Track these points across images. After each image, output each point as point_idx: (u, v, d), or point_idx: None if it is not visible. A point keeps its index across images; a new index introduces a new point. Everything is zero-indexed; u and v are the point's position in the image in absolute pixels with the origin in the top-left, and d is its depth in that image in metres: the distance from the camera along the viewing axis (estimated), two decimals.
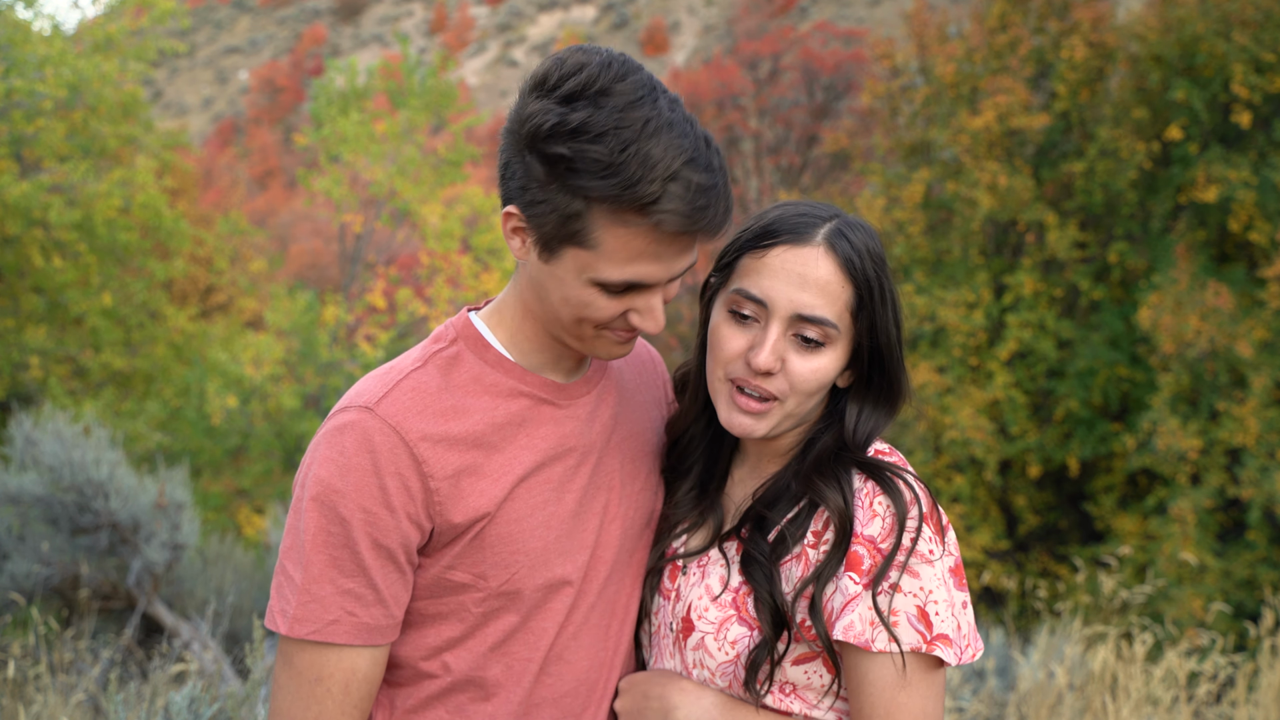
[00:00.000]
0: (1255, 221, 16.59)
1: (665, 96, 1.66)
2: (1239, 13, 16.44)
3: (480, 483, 1.75)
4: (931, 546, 1.76)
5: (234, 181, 39.49)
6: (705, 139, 1.66)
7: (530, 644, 1.81)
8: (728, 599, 1.85)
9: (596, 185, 1.60)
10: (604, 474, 1.90)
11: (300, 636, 1.71)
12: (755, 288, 1.81)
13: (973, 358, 17.66)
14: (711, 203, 1.63)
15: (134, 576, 5.94)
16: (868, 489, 1.80)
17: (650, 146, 1.59)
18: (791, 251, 1.81)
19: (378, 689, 1.80)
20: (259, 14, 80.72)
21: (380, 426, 1.71)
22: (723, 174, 1.66)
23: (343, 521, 1.69)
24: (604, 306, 1.71)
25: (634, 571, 1.95)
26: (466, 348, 1.84)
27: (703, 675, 1.86)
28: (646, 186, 1.59)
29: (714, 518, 1.96)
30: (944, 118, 18.67)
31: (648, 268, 1.67)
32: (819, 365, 1.82)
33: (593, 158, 1.59)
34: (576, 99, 1.62)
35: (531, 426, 1.82)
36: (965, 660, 1.79)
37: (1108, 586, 6.38)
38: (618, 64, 1.65)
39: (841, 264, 1.80)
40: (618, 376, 2.00)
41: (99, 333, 14.75)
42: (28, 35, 13.57)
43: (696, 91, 34.89)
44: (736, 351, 1.83)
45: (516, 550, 1.78)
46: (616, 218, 1.62)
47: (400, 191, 15.88)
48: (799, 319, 1.79)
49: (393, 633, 1.77)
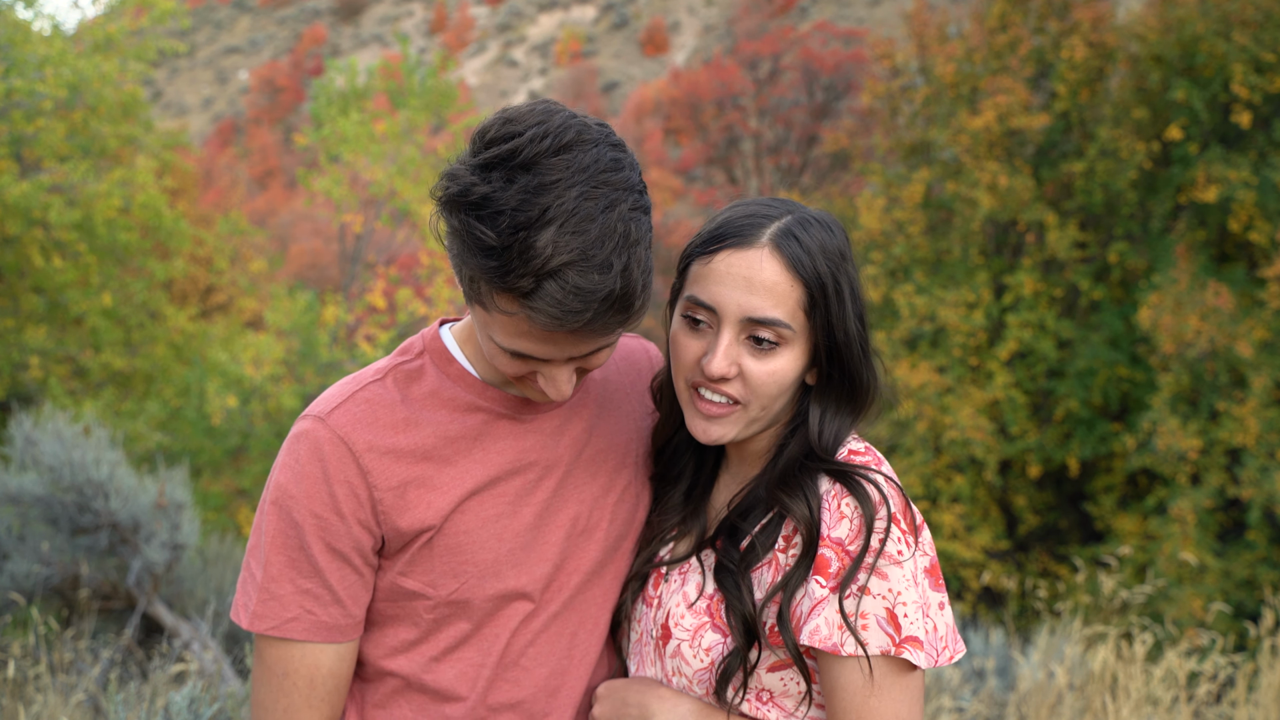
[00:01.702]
0: (1255, 221, 16.59)
1: (595, 180, 1.57)
2: (1239, 13, 16.44)
3: (428, 494, 1.79)
4: (900, 548, 1.73)
5: (234, 181, 39.50)
6: (619, 235, 1.56)
7: (483, 650, 1.85)
8: (702, 606, 1.85)
9: (479, 263, 1.58)
10: (573, 487, 1.91)
11: (260, 631, 1.79)
12: (704, 294, 1.80)
13: (973, 358, 17.66)
14: (588, 306, 1.56)
15: (134, 576, 5.94)
16: (835, 490, 1.77)
17: (537, 238, 1.53)
18: (737, 255, 1.78)
19: (347, 684, 1.86)
20: (259, 14, 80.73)
21: (330, 436, 1.77)
22: (623, 275, 1.57)
23: (297, 525, 1.76)
24: (507, 365, 1.72)
25: (612, 580, 1.97)
26: (430, 361, 1.88)
27: (681, 683, 1.86)
28: (517, 280, 1.55)
29: (698, 525, 1.96)
30: (944, 118, 18.67)
31: (536, 346, 1.66)
32: (775, 367, 1.79)
33: (478, 235, 1.56)
34: (493, 169, 1.57)
35: (487, 441, 1.84)
36: (943, 663, 1.76)
37: (1108, 586, 6.38)
38: (556, 137, 1.57)
39: (788, 264, 1.77)
40: (598, 390, 2.01)
41: (99, 333, 14.75)
42: (28, 35, 13.57)
43: (696, 91, 34.91)
44: (693, 359, 1.82)
45: (465, 561, 1.81)
46: (500, 301, 1.61)
47: (400, 191, 15.88)
48: (750, 322, 1.77)
49: (353, 631, 1.82)
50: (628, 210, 1.59)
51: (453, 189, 1.59)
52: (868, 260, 18.93)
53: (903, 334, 17.90)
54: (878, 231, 18.84)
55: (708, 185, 37.07)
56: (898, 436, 17.44)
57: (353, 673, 1.87)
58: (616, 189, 1.58)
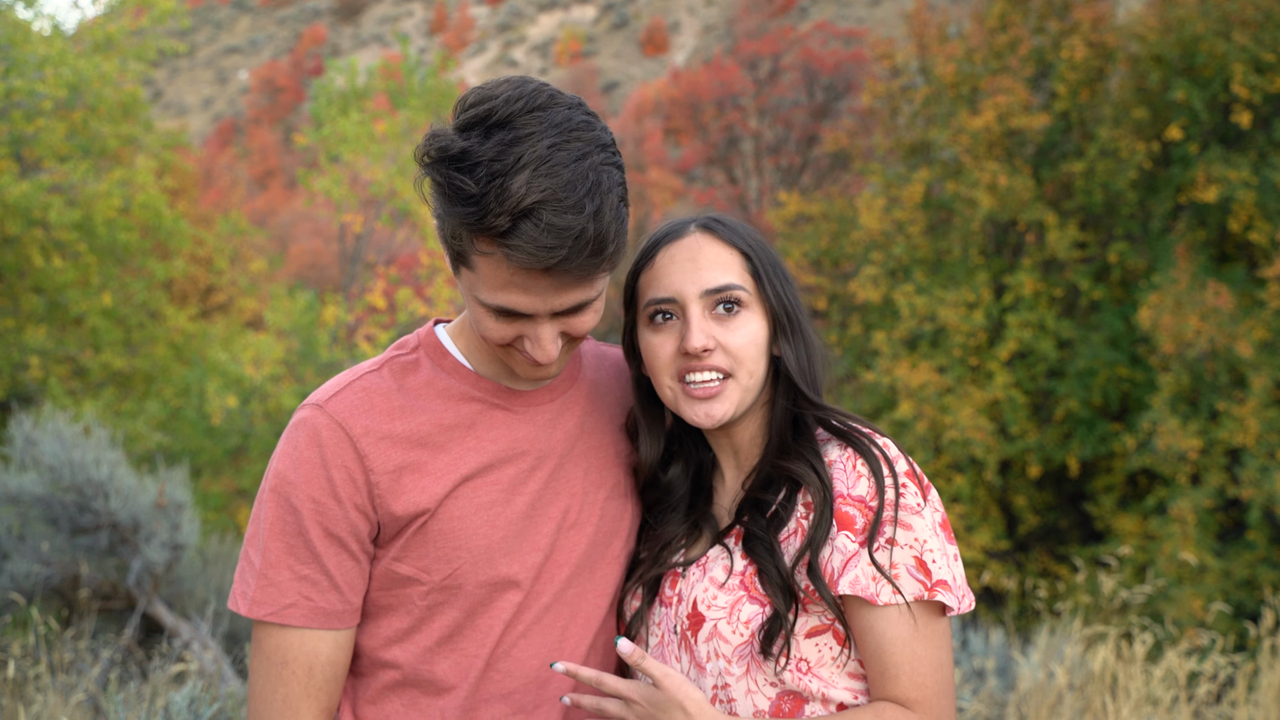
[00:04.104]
0: (1255, 221, 16.59)
1: (565, 135, 1.65)
2: (1239, 13, 16.44)
3: (422, 480, 1.84)
4: (917, 500, 1.82)
5: (234, 181, 39.49)
6: (591, 183, 1.64)
7: (477, 640, 1.88)
8: (734, 583, 1.89)
9: (460, 212, 1.66)
10: (564, 480, 1.95)
11: (259, 618, 1.82)
12: (659, 290, 1.93)
13: (973, 358, 17.66)
14: (563, 243, 1.62)
15: (134, 576, 5.94)
16: (848, 454, 1.86)
17: (512, 182, 1.61)
18: (674, 246, 1.95)
19: (344, 675, 1.89)
20: (259, 14, 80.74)
21: (327, 422, 1.83)
22: (595, 218, 1.64)
23: (295, 511, 1.81)
24: (493, 329, 1.78)
25: (602, 578, 1.99)
26: (425, 355, 1.95)
27: (719, 666, 1.88)
28: (494, 219, 1.62)
29: (708, 528, 2.01)
30: (944, 118, 18.66)
31: (518, 298, 1.71)
32: (747, 328, 1.91)
33: (458, 186, 1.65)
34: (472, 128, 1.67)
35: (480, 429, 1.89)
36: (964, 609, 1.84)
37: (1108, 586, 6.38)
38: (530, 99, 1.66)
39: (722, 238, 1.94)
40: (590, 388, 2.05)
41: (99, 333, 14.75)
42: (28, 35, 13.57)
43: (696, 91, 34.90)
44: (670, 353, 1.92)
45: (459, 547, 1.85)
46: (480, 245, 1.68)
47: (400, 191, 15.87)
48: (708, 293, 1.90)
49: (350, 618, 1.86)
50: (599, 163, 1.67)
51: (435, 146, 1.68)
52: (868, 260, 18.93)
53: (903, 334, 17.89)
54: (878, 231, 18.83)
55: (708, 185, 37.06)
56: (898, 436, 17.43)
57: (349, 664, 1.90)
58: (588, 144, 1.67)
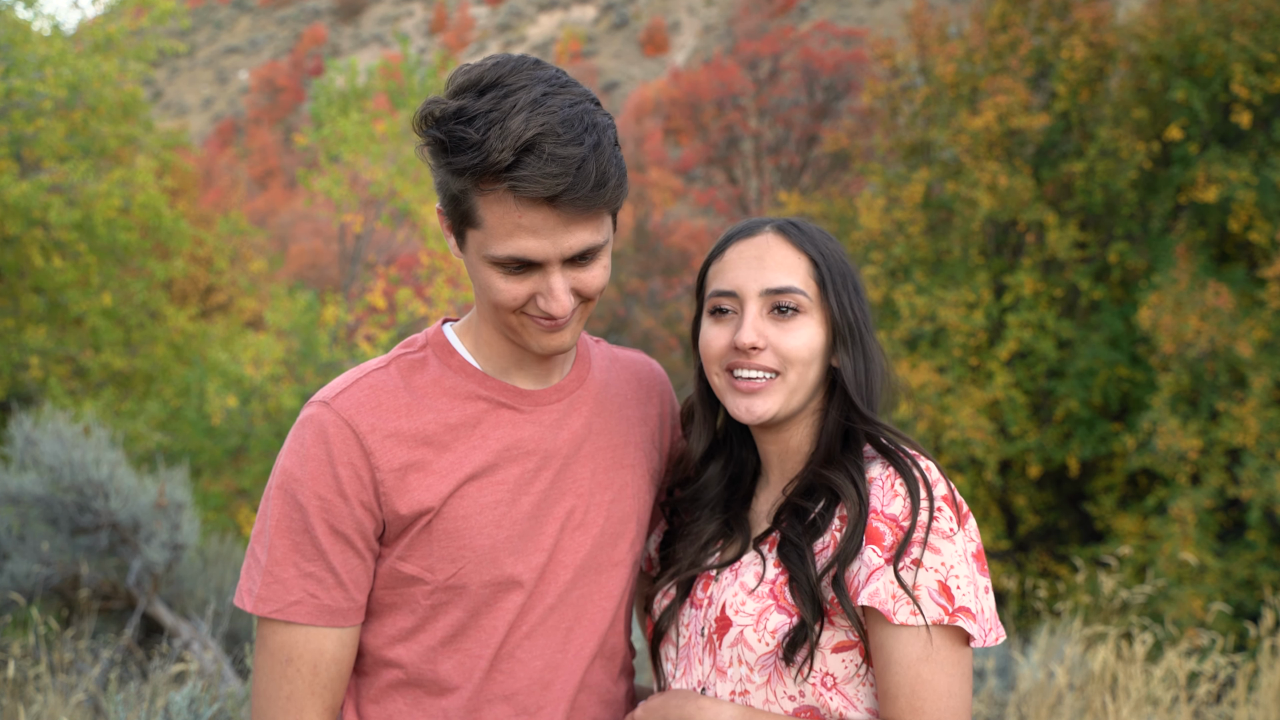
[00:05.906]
0: (1255, 221, 16.59)
1: (555, 87, 1.72)
2: (1239, 13, 16.43)
3: (427, 478, 1.84)
4: (951, 526, 1.81)
5: (234, 181, 39.49)
6: (587, 123, 1.70)
7: (481, 640, 1.88)
8: (764, 591, 1.89)
9: (462, 159, 1.70)
10: (570, 481, 1.95)
11: (264, 615, 1.82)
12: (723, 283, 1.96)
13: (973, 358, 17.66)
14: (568, 171, 1.67)
15: (134, 576, 5.94)
16: (889, 473, 1.86)
17: (511, 121, 1.67)
18: (745, 243, 1.98)
19: (349, 673, 1.88)
20: (259, 14, 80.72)
21: (334, 420, 1.83)
22: (595, 151, 1.70)
23: (301, 508, 1.81)
24: (504, 289, 1.78)
25: (608, 580, 1.99)
26: (433, 353, 1.95)
27: (740, 673, 1.88)
28: (497, 155, 1.66)
29: (742, 533, 2.01)
30: (944, 118, 18.66)
31: (528, 242, 1.73)
32: (801, 333, 1.92)
33: (460, 136, 1.69)
34: (464, 92, 1.73)
35: (486, 428, 1.89)
36: (990, 642, 1.82)
37: (1108, 586, 6.38)
38: (516, 64, 1.74)
39: (792, 242, 1.96)
40: (600, 389, 2.04)
41: (99, 333, 14.75)
42: (28, 35, 13.56)
43: (696, 91, 34.89)
44: (724, 344, 1.95)
45: (463, 546, 1.85)
46: (485, 190, 1.71)
47: (400, 191, 15.87)
48: (769, 293, 1.92)
49: (355, 616, 1.86)
50: (591, 109, 1.73)
51: (432, 110, 1.74)
52: (868, 260, 18.92)
53: (903, 334, 17.88)
54: (878, 231, 18.83)
55: (708, 185, 37.06)
56: None
57: (354, 663, 1.90)
58: (578, 96, 1.73)
